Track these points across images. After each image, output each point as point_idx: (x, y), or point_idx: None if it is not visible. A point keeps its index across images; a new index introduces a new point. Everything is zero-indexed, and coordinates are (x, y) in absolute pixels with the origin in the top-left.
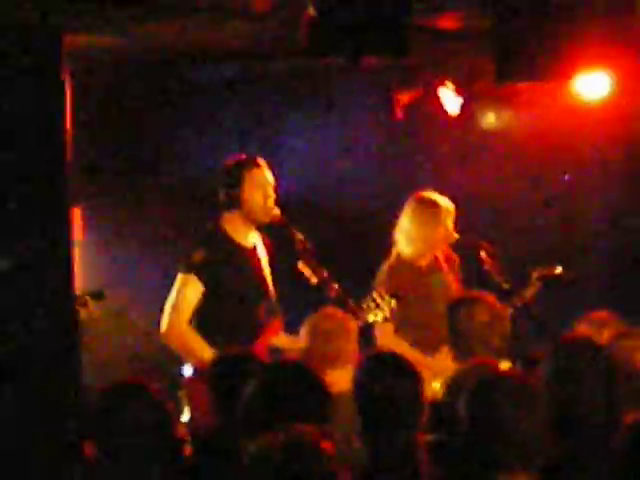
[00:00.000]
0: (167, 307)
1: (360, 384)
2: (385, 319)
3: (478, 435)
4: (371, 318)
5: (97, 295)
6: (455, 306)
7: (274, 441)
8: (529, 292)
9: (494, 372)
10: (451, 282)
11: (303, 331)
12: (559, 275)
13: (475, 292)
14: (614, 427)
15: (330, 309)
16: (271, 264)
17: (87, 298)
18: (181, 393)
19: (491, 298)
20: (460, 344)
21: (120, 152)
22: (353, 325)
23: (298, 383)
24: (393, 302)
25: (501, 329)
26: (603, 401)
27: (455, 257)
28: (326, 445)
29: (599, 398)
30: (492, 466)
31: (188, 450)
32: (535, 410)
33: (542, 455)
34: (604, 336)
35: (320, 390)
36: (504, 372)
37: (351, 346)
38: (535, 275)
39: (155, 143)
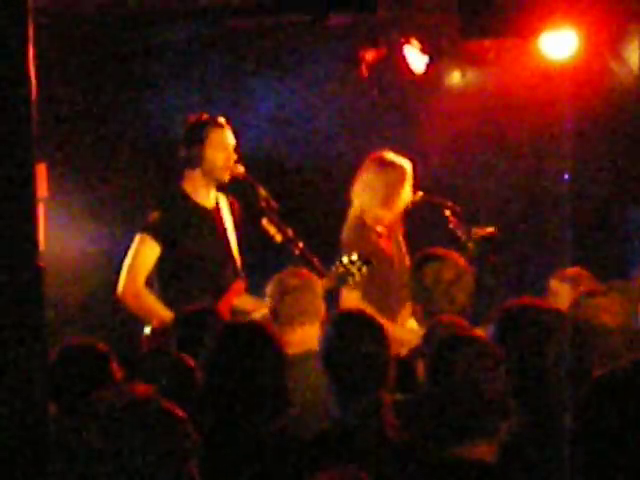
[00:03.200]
0: (123, 268)
1: (327, 343)
2: (356, 284)
3: (437, 398)
4: (341, 284)
5: None
6: (421, 264)
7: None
8: (469, 253)
9: (455, 334)
10: (402, 245)
11: (269, 289)
12: (491, 234)
13: (440, 250)
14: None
15: (295, 267)
16: (238, 226)
17: None
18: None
19: (456, 256)
20: (427, 302)
21: (86, 109)
22: (318, 282)
23: (253, 343)
24: (364, 268)
25: (467, 286)
26: (561, 364)
27: (402, 221)
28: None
29: (555, 362)
30: (453, 431)
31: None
32: (496, 374)
33: (504, 422)
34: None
35: (276, 350)
36: (465, 334)
37: (318, 303)
38: (474, 234)
39: (121, 102)
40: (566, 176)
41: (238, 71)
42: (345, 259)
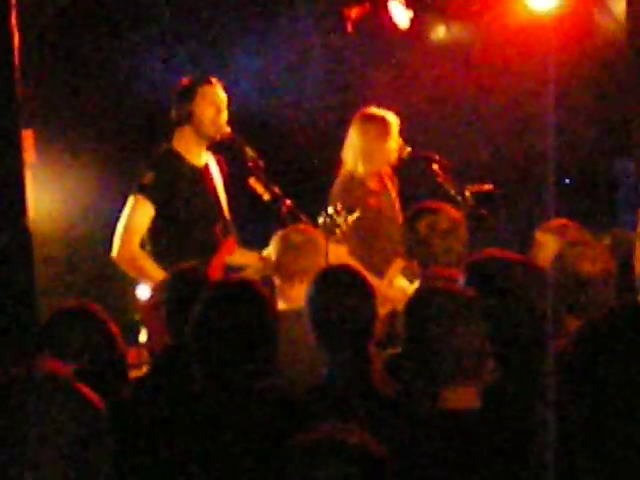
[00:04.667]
0: (118, 230)
1: (312, 298)
2: (342, 234)
3: (414, 349)
4: (327, 235)
5: None
6: (415, 217)
7: None
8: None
9: (431, 287)
10: (395, 202)
11: (272, 244)
12: (489, 191)
13: (434, 203)
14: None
15: (299, 225)
16: (226, 185)
17: None
18: (137, 315)
19: (449, 207)
20: (422, 254)
21: (73, 72)
22: (322, 240)
23: (241, 300)
24: (349, 218)
25: (462, 237)
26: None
27: (395, 178)
28: None
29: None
30: (433, 380)
31: (145, 371)
32: (470, 320)
33: (483, 370)
34: None
35: (264, 307)
36: (440, 287)
37: (320, 261)
38: (467, 193)
39: (108, 65)
40: (567, 180)
41: (223, 30)
42: (330, 209)
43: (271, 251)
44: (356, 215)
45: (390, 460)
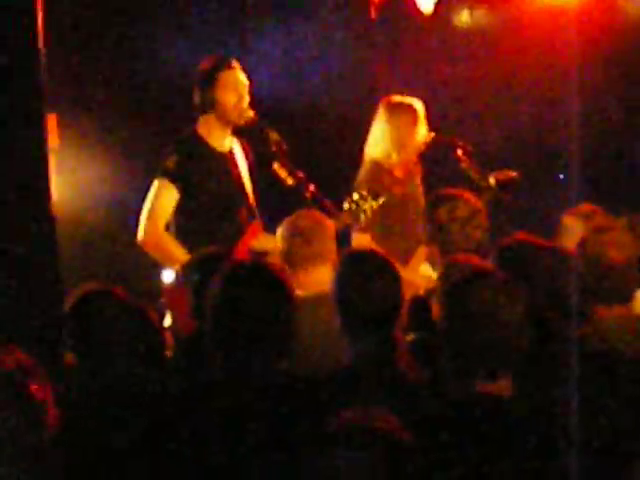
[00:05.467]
0: (143, 214)
1: (339, 283)
2: (367, 220)
3: (455, 335)
4: (353, 220)
5: None
6: (435, 204)
7: None
8: (485, 196)
9: (469, 272)
10: (419, 189)
11: (280, 232)
12: (513, 178)
13: (453, 189)
14: (583, 322)
15: (307, 209)
16: (251, 169)
17: None
18: (162, 299)
19: (469, 194)
20: (442, 241)
21: (96, 56)
22: (330, 224)
23: (259, 283)
24: (374, 203)
25: (481, 223)
26: (561, 299)
27: (418, 163)
28: None
29: (554, 296)
30: (471, 370)
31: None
32: (512, 309)
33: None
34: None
35: (282, 291)
36: (479, 270)
37: (329, 245)
38: (492, 181)
39: (130, 50)
40: (561, 176)
41: (247, 16)
42: (355, 195)
43: (279, 237)
44: (382, 200)
45: (416, 444)
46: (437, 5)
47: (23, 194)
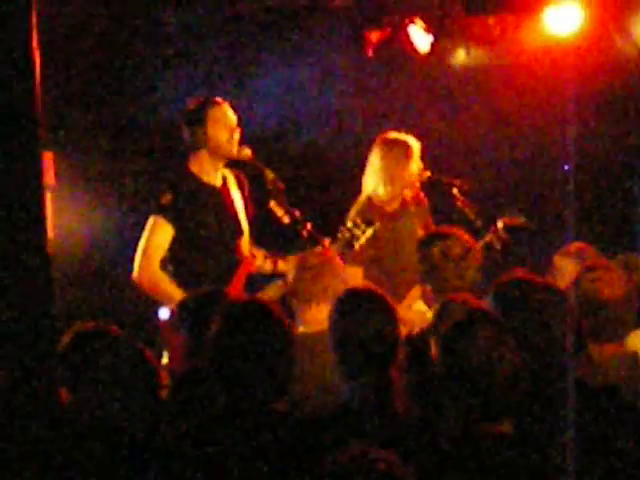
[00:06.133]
0: (138, 251)
1: (335, 320)
2: (361, 248)
3: (453, 381)
4: (347, 248)
5: None
6: (429, 242)
7: None
8: (496, 240)
9: (468, 314)
10: (418, 227)
11: (290, 266)
12: (522, 224)
13: (447, 228)
14: (578, 359)
15: (318, 248)
16: (247, 199)
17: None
18: (159, 337)
19: (463, 233)
20: (436, 279)
21: (90, 98)
22: (339, 264)
23: (259, 323)
24: (368, 231)
25: (474, 262)
26: (558, 335)
27: (424, 198)
28: None
29: (550, 333)
30: (471, 406)
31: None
32: (509, 350)
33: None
34: None
35: (280, 329)
36: (477, 314)
37: (336, 284)
38: (500, 225)
39: (126, 89)
40: (566, 167)
41: (245, 54)
42: (349, 224)
43: (288, 273)
44: (375, 227)
45: None
46: (433, 44)
47: (19, 231)
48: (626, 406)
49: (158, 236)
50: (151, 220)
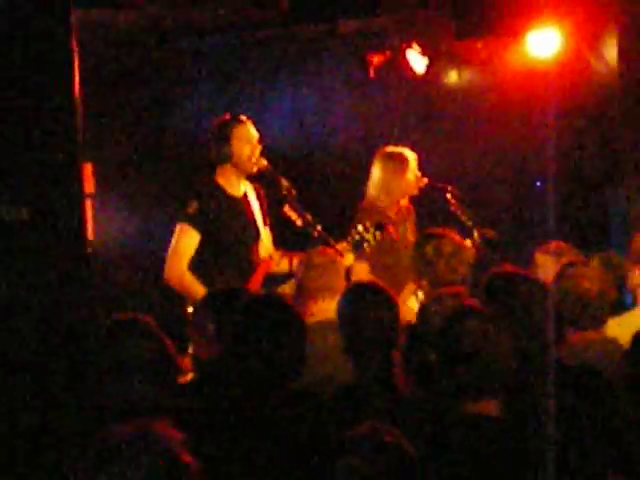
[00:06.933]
0: (168, 254)
1: (343, 310)
2: (370, 249)
3: (449, 364)
4: (358, 249)
5: None
6: (423, 242)
7: None
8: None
9: (464, 306)
10: (410, 231)
11: (297, 265)
12: (491, 236)
13: (440, 229)
14: (560, 346)
15: (323, 246)
16: (264, 208)
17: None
18: (186, 328)
19: (453, 233)
20: (431, 274)
21: (127, 114)
22: (342, 261)
23: (273, 314)
24: (377, 233)
25: (465, 258)
26: (542, 325)
27: (412, 208)
28: None
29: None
30: (465, 392)
31: (192, 377)
32: (500, 339)
33: (506, 384)
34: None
35: (293, 319)
36: (470, 307)
37: (339, 280)
38: (476, 234)
39: (160, 107)
40: (538, 183)
41: (261, 77)
42: (360, 227)
43: (296, 270)
44: (382, 230)
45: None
46: (428, 66)
47: (62, 233)
48: (602, 384)
49: (185, 241)
50: (179, 226)
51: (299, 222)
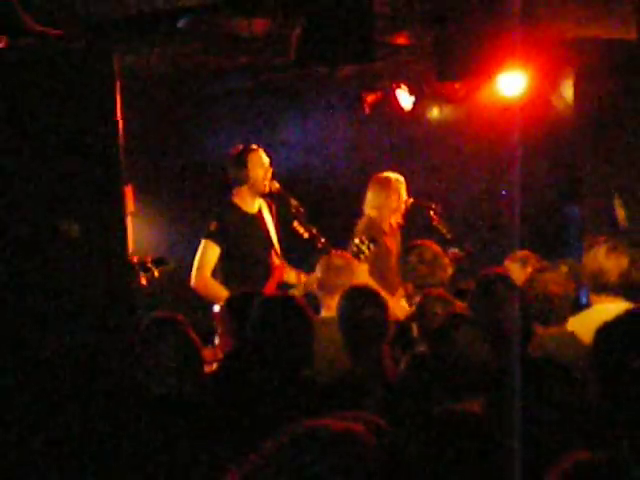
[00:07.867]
0: (194, 265)
1: (341, 309)
2: (365, 258)
3: (439, 364)
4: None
5: (160, 261)
6: (408, 251)
7: None
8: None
9: (449, 317)
10: (396, 243)
11: (319, 265)
12: (467, 247)
13: (421, 241)
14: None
15: (340, 251)
16: (276, 222)
17: (150, 264)
18: (213, 324)
19: (433, 243)
20: (415, 278)
21: (162, 144)
22: (356, 264)
23: (287, 311)
24: (371, 246)
25: (443, 264)
26: (519, 320)
27: (401, 224)
28: None
29: (514, 318)
30: (451, 391)
31: (216, 366)
32: (483, 344)
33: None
34: (527, 270)
35: (303, 317)
36: (458, 317)
37: (354, 279)
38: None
39: (188, 138)
40: (504, 192)
41: (273, 112)
42: (357, 240)
43: (317, 270)
44: (376, 243)
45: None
46: (415, 104)
47: (107, 245)
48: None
49: (208, 254)
50: (202, 242)
51: (306, 235)
